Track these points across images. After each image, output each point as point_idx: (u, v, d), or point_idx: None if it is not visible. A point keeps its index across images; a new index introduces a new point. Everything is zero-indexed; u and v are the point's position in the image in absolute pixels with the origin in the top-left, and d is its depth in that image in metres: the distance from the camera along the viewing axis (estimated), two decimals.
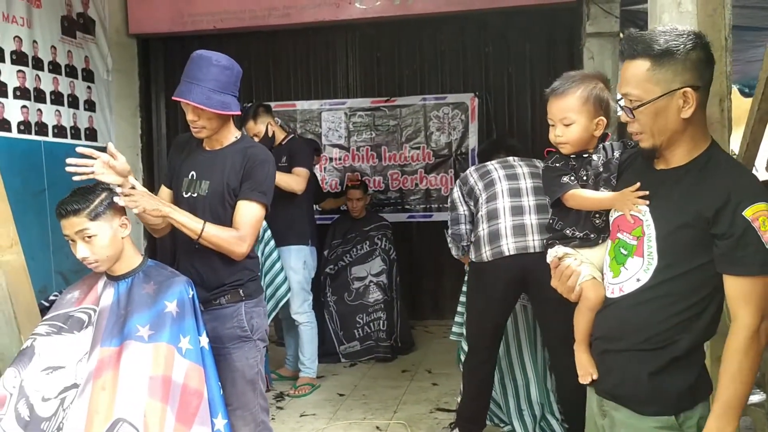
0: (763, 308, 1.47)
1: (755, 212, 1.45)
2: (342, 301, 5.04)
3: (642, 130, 1.57)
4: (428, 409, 3.90)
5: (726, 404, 1.48)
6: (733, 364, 1.47)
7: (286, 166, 4.14)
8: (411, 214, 6.15)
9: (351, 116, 6.17)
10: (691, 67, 1.50)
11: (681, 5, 2.80)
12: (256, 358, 2.45)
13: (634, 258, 1.61)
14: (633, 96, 1.54)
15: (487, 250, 3.18)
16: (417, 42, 6.10)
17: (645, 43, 1.52)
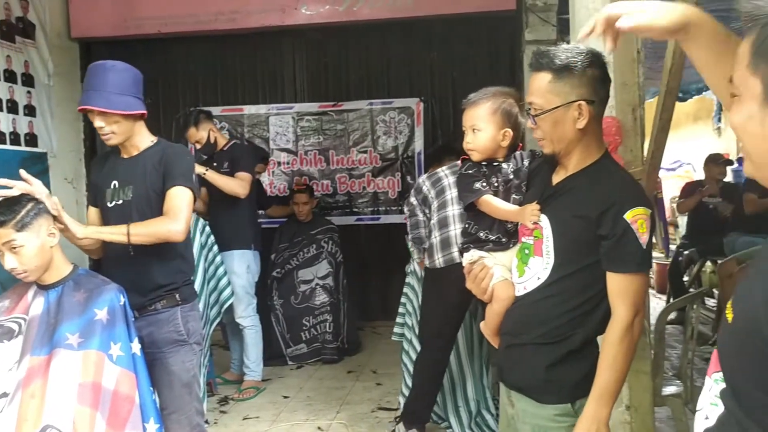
0: (637, 303, 1.61)
1: (634, 215, 1.58)
2: (288, 304, 5.09)
3: (544, 137, 1.71)
4: (370, 409, 3.99)
5: (602, 389, 1.60)
6: (609, 353, 1.60)
7: (229, 172, 4.19)
8: (359, 217, 6.23)
9: (299, 121, 6.23)
10: (587, 83, 1.63)
11: None
12: (192, 361, 2.50)
13: (535, 257, 1.73)
14: (536, 105, 1.68)
15: (439, 257, 3.32)
16: (364, 47, 6.19)
17: (549, 57, 1.65)
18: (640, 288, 1.61)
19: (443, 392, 3.64)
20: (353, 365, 4.92)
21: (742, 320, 0.89)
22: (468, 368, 3.67)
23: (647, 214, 1.60)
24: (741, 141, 0.97)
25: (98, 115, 2.35)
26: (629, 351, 1.61)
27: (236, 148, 4.40)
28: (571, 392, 1.68)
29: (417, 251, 3.58)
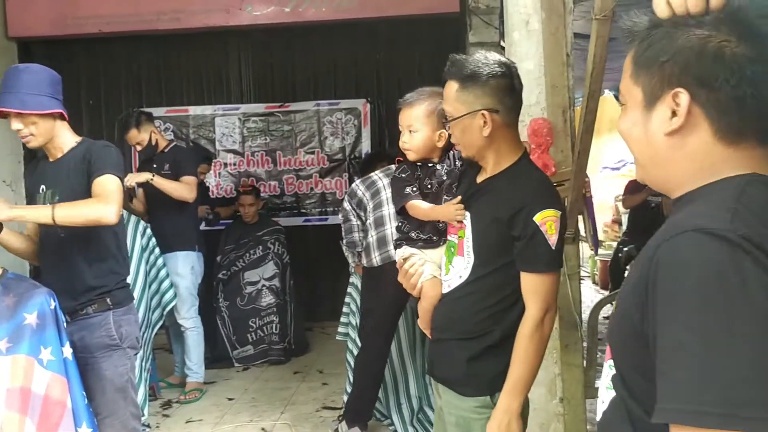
0: (547, 301, 1.68)
1: (543, 218, 1.65)
2: (234, 306, 5.07)
3: (457, 142, 1.78)
4: (315, 408, 4.01)
5: (513, 383, 1.67)
6: (520, 348, 1.67)
7: (170, 174, 4.17)
8: (307, 218, 6.24)
9: (245, 122, 6.20)
10: (491, 92, 1.69)
11: (529, 24, 3.05)
12: (126, 366, 2.48)
13: (458, 257, 1.80)
14: (447, 112, 1.75)
15: (376, 255, 3.38)
16: (310, 48, 6.19)
17: (457, 66, 1.71)
18: (550, 287, 1.69)
19: (386, 390, 3.69)
20: (300, 366, 4.92)
21: (621, 309, 0.95)
22: (410, 365, 3.72)
23: (557, 216, 1.67)
24: (629, 147, 1.04)
25: (14, 117, 2.32)
26: (540, 346, 1.68)
27: (177, 151, 4.37)
28: (490, 385, 1.74)
29: (351, 255, 3.63)
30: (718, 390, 0.76)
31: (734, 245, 0.79)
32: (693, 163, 0.93)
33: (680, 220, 0.88)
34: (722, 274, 0.79)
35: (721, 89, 0.89)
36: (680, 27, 0.91)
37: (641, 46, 0.96)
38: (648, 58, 0.94)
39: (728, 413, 0.75)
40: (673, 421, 0.79)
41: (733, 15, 0.90)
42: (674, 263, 0.83)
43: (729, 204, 0.84)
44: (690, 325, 0.79)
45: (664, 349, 0.82)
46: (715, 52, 0.88)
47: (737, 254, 0.79)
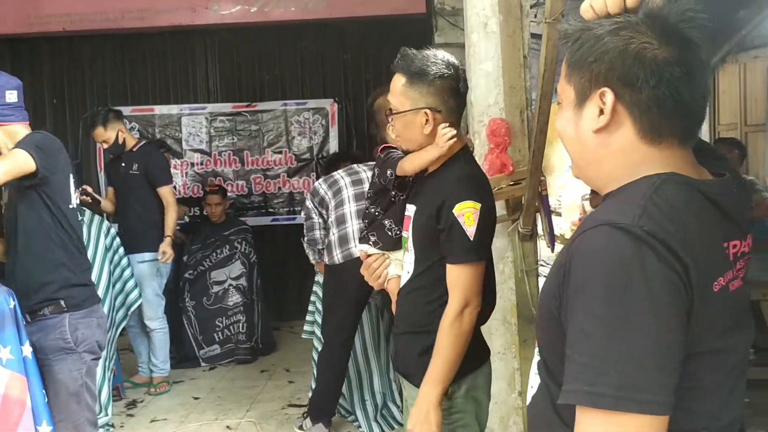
0: (466, 296, 1.70)
1: (461, 209, 1.69)
2: (201, 305, 5.06)
3: (398, 135, 1.82)
4: (281, 406, 4.04)
5: (432, 374, 1.70)
6: (439, 341, 1.70)
7: (139, 174, 4.22)
8: (275, 217, 6.25)
9: (212, 121, 6.18)
10: (436, 92, 1.73)
11: (487, 26, 3.12)
12: (81, 370, 2.44)
13: (407, 252, 1.86)
14: (392, 104, 1.78)
15: (338, 253, 3.42)
16: (277, 48, 6.21)
17: (406, 61, 1.74)
18: (469, 279, 1.70)
19: (350, 386, 3.73)
20: (267, 364, 4.94)
21: (543, 296, 1.01)
22: (374, 362, 3.77)
23: (476, 207, 1.70)
24: (564, 145, 1.09)
25: None
26: (457, 339, 1.68)
27: (149, 153, 4.39)
28: None
29: (312, 253, 3.66)
30: (616, 375, 0.82)
31: (640, 240, 0.84)
32: (619, 161, 0.98)
33: (596, 214, 0.93)
34: (627, 267, 0.83)
35: (642, 90, 0.93)
36: (606, 29, 0.95)
37: (572, 48, 1.00)
38: (578, 59, 0.98)
39: (623, 396, 0.81)
40: (574, 401, 0.85)
41: (654, 18, 0.94)
42: (585, 255, 0.88)
43: (640, 201, 0.88)
44: (595, 314, 0.84)
45: (572, 336, 0.87)
46: (637, 53, 0.93)
47: (642, 249, 0.83)
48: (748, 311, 1.01)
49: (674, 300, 0.83)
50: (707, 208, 0.93)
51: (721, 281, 0.90)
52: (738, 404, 0.99)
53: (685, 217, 0.88)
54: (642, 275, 0.83)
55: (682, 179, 0.93)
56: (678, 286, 0.84)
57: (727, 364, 0.94)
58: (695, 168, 0.98)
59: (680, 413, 0.88)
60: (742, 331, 0.98)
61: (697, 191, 0.93)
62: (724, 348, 0.93)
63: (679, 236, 0.85)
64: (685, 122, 0.96)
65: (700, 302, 0.86)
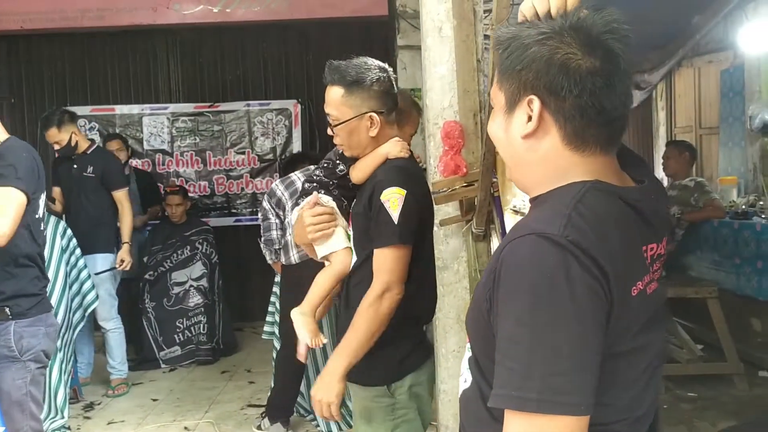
0: (388, 280, 1.74)
1: (387, 196, 1.76)
2: (161, 306, 5.03)
3: (342, 143, 1.87)
4: (240, 407, 4.04)
5: (343, 347, 1.77)
6: (356, 319, 1.76)
7: (93, 177, 4.22)
8: (238, 218, 6.24)
9: (174, 121, 6.15)
10: (375, 96, 1.81)
11: (441, 30, 3.18)
12: (25, 379, 2.38)
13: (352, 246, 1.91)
14: (333, 116, 1.83)
15: (294, 253, 3.47)
16: (239, 49, 6.20)
17: (340, 73, 1.81)
18: (392, 262, 1.75)
19: (309, 385, 3.75)
20: (228, 365, 4.94)
21: (475, 296, 1.05)
22: None
23: (401, 193, 1.76)
24: (497, 148, 1.13)
25: None
26: (373, 321, 1.74)
27: (102, 156, 4.41)
28: (386, 377, 1.83)
29: (269, 253, 3.69)
30: (539, 379, 0.86)
31: (564, 250, 0.87)
32: (546, 167, 1.02)
33: (524, 222, 0.98)
34: (551, 276, 0.87)
35: (567, 98, 0.96)
36: (533, 38, 0.98)
37: (503, 55, 1.03)
38: (507, 67, 1.01)
39: (546, 399, 0.86)
40: (503, 405, 0.90)
41: (579, 29, 0.97)
42: (513, 264, 0.92)
43: (565, 211, 0.92)
44: (522, 321, 0.88)
45: (501, 342, 0.92)
46: (561, 63, 0.96)
47: (566, 258, 0.87)
48: (662, 310, 1.07)
49: (595, 307, 0.88)
50: (627, 214, 0.97)
51: (639, 285, 0.95)
52: (652, 395, 1.05)
53: (606, 226, 0.92)
54: (566, 283, 0.87)
55: (604, 187, 0.97)
56: (599, 294, 0.88)
57: (642, 361, 1.00)
58: (618, 174, 1.03)
59: (600, 408, 0.93)
60: (657, 329, 1.03)
61: (618, 198, 0.97)
62: (640, 347, 0.98)
63: (601, 245, 0.89)
64: (607, 130, 0.99)
65: (619, 307, 0.90)
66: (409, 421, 1.86)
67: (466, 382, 1.12)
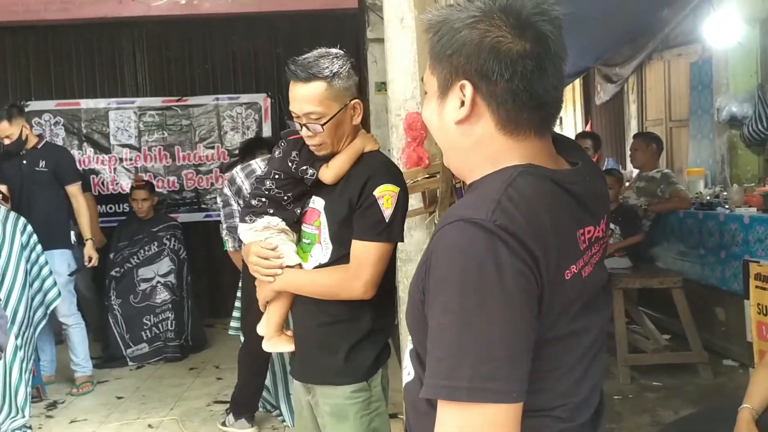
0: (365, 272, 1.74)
1: (382, 192, 1.74)
2: (127, 303, 4.96)
3: (324, 141, 1.78)
4: (206, 403, 4.00)
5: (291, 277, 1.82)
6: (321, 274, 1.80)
7: (46, 172, 4.17)
8: (208, 213, 6.17)
9: (141, 115, 6.06)
10: (353, 83, 1.78)
11: (403, 21, 3.16)
12: None
13: (317, 245, 1.84)
14: (317, 113, 1.73)
15: None
16: (208, 42, 6.12)
17: (317, 67, 1.73)
18: (374, 258, 1.74)
19: (275, 380, 3.72)
20: (196, 362, 4.88)
21: (411, 289, 1.02)
22: None
23: (395, 191, 1.76)
24: (432, 134, 1.10)
25: None
26: (329, 291, 1.78)
27: (54, 150, 4.38)
28: (367, 373, 1.82)
29: (231, 240, 3.63)
30: (469, 367, 0.84)
31: (493, 235, 0.85)
32: (480, 152, 0.99)
33: (454, 209, 0.95)
34: (480, 262, 0.85)
35: (498, 83, 0.94)
36: (463, 22, 0.96)
37: (433, 40, 1.01)
38: (438, 51, 0.99)
39: (476, 387, 0.84)
40: (434, 396, 0.88)
41: (509, 11, 0.95)
42: (442, 251, 0.89)
43: (495, 195, 0.90)
44: (450, 308, 0.86)
45: (431, 331, 0.90)
46: (492, 47, 0.94)
47: (495, 243, 0.85)
48: (603, 294, 1.05)
49: (525, 292, 0.86)
50: (560, 197, 0.95)
51: (573, 268, 0.93)
52: (593, 380, 1.03)
53: (537, 209, 0.90)
54: (494, 269, 0.85)
55: (537, 170, 0.95)
56: (528, 278, 0.86)
57: (580, 345, 0.98)
58: (552, 158, 1.01)
59: (538, 394, 0.91)
60: (596, 314, 1.02)
61: (551, 181, 0.95)
62: (577, 331, 0.96)
63: (531, 228, 0.87)
64: (540, 113, 0.98)
65: (552, 291, 0.89)
66: (381, 413, 1.87)
67: (410, 374, 1.10)
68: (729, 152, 5.48)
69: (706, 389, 3.83)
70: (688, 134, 6.27)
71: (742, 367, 4.02)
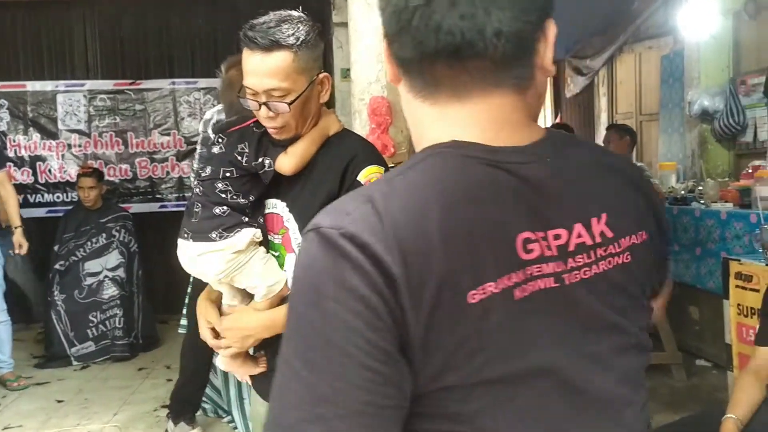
0: None
1: (368, 175, 1.46)
2: (72, 299, 4.65)
3: (288, 122, 1.48)
4: (153, 407, 3.73)
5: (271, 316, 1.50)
6: None
7: None
8: (163, 204, 5.86)
9: (92, 99, 5.71)
10: (319, 53, 1.48)
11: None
12: None
13: (289, 254, 1.55)
14: (282, 89, 1.42)
15: None
16: (164, 22, 5.80)
17: (281, 33, 1.42)
18: None
19: (226, 383, 3.46)
20: (146, 361, 4.60)
21: None
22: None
23: (381, 172, 1.49)
24: None
25: None
26: None
27: None
28: None
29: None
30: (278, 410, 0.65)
31: (334, 248, 0.64)
32: (411, 122, 0.79)
33: (320, 212, 0.72)
34: (315, 283, 0.65)
35: (393, 38, 0.73)
36: None
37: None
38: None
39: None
40: None
41: None
42: (295, 267, 0.70)
43: (368, 191, 0.69)
44: (285, 338, 0.68)
45: None
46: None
47: (335, 259, 0.64)
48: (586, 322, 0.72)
49: (364, 324, 0.62)
50: (498, 188, 0.69)
51: (491, 288, 0.65)
52: None
53: (423, 208, 0.66)
54: (326, 294, 0.64)
55: (460, 150, 0.71)
56: (372, 304, 0.63)
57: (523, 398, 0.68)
58: (505, 128, 0.73)
59: None
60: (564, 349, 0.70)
61: (487, 164, 0.69)
62: (521, 374, 0.67)
63: (398, 237, 0.64)
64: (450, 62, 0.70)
65: (430, 322, 0.64)
66: None
67: None
68: (700, 147, 5.38)
69: (680, 391, 3.69)
70: (658, 128, 6.18)
71: (716, 368, 3.90)
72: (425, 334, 0.63)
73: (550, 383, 0.69)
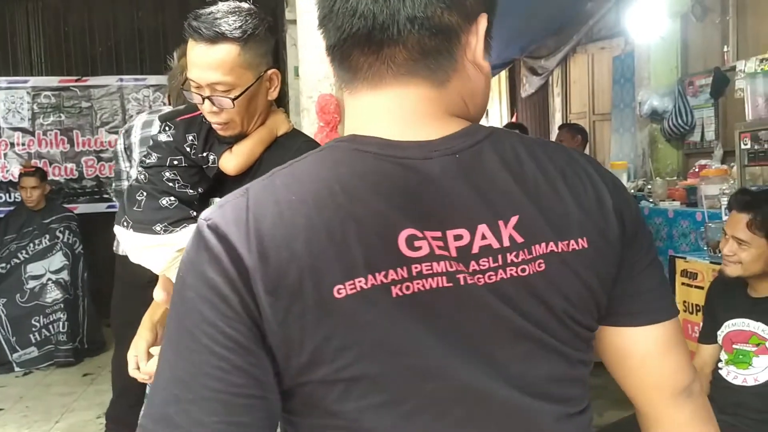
0: None
1: None
2: (13, 303, 4.48)
3: (232, 119, 1.42)
4: (96, 414, 3.60)
5: None
6: None
7: None
8: (110, 204, 5.69)
9: (35, 96, 5.52)
10: (270, 48, 1.43)
11: None
12: None
13: None
14: (226, 84, 1.37)
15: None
16: (111, 17, 5.65)
17: (227, 25, 1.34)
18: None
19: None
20: (92, 367, 4.46)
21: None
22: None
23: None
24: None
25: None
26: None
27: None
28: None
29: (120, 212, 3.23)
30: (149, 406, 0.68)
31: (200, 238, 0.66)
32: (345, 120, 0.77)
33: None
34: (182, 275, 0.67)
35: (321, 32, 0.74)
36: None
37: None
38: None
39: None
40: None
41: None
42: None
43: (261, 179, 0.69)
44: None
45: None
46: None
47: (199, 249, 0.65)
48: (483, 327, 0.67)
49: (216, 313, 0.63)
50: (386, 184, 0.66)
51: (360, 284, 0.63)
52: None
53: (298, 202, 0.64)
54: (187, 283, 0.66)
55: (355, 144, 0.68)
56: (224, 294, 0.63)
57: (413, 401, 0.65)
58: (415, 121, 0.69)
59: None
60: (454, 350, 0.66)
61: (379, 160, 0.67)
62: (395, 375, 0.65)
63: (259, 230, 0.63)
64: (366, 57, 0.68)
65: (287, 317, 0.62)
66: None
67: None
68: (650, 146, 5.47)
69: None
70: (610, 128, 6.27)
71: None
72: (285, 326, 0.63)
73: (442, 387, 0.66)
